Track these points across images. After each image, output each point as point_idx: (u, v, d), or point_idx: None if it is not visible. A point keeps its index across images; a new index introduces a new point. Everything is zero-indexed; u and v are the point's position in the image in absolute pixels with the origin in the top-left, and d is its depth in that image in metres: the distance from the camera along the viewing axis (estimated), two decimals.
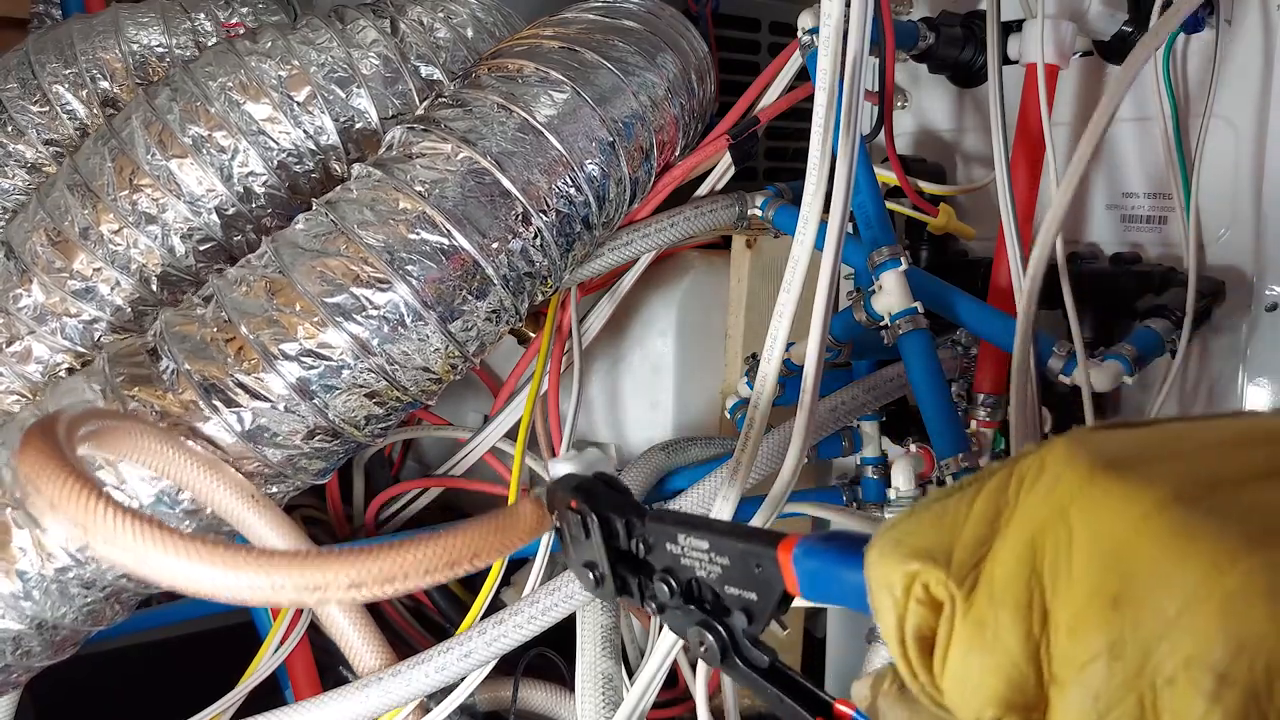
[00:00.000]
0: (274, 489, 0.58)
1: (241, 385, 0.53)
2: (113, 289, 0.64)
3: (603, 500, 0.35)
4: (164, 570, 0.29)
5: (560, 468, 0.38)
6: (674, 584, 0.33)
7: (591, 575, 0.35)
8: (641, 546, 0.34)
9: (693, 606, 0.33)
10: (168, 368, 0.55)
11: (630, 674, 0.73)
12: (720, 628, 0.33)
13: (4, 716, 0.64)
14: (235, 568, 0.29)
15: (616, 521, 0.35)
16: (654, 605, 0.34)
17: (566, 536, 0.36)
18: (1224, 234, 0.68)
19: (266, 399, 0.53)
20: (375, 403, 0.56)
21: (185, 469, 0.52)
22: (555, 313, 0.75)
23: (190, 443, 0.53)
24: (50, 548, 0.54)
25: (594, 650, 0.65)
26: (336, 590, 0.30)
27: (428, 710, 0.64)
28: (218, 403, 0.53)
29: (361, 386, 0.55)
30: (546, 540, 0.68)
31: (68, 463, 0.31)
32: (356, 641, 0.64)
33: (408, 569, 0.31)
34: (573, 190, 0.59)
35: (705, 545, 0.32)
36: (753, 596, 0.31)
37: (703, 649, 0.33)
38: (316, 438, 0.55)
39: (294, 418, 0.54)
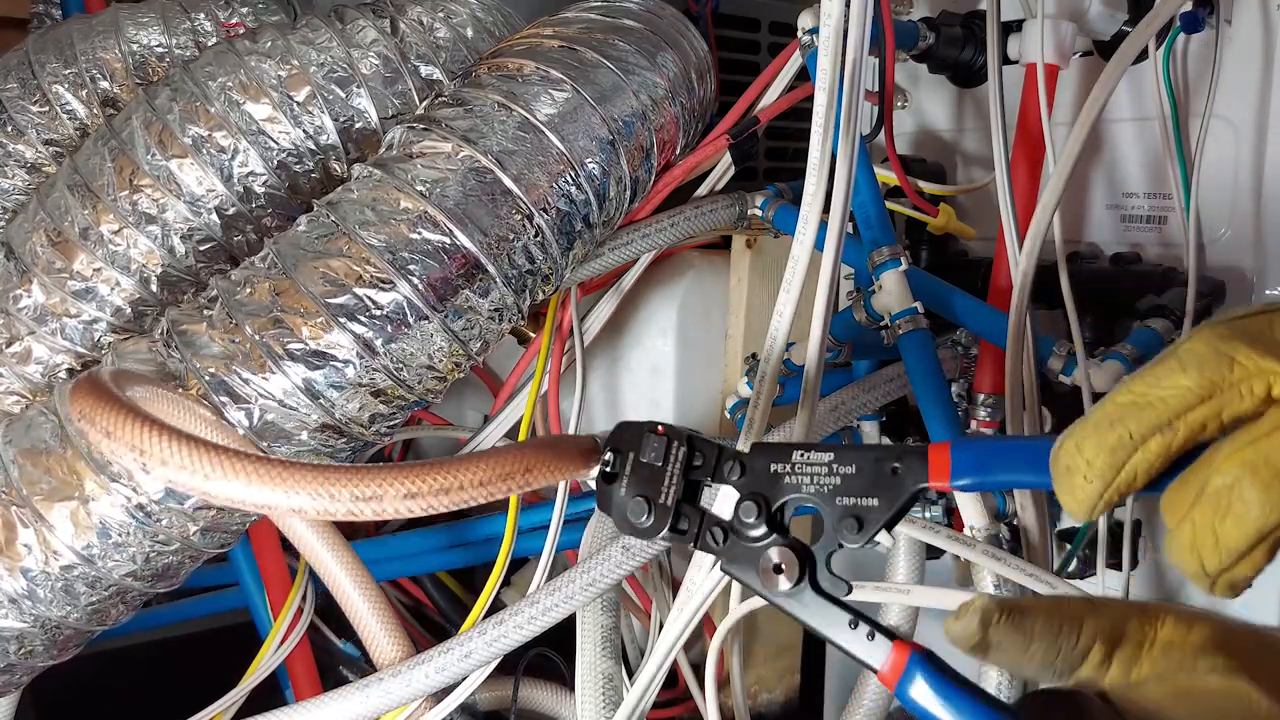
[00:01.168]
0: None
1: (248, 383, 0.53)
2: (113, 289, 0.64)
3: (688, 432, 0.36)
4: (222, 487, 0.29)
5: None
6: (762, 504, 0.34)
7: (648, 505, 0.35)
8: (737, 468, 0.35)
9: (774, 534, 0.34)
10: (175, 363, 0.55)
11: (630, 674, 0.73)
12: (802, 549, 0.33)
13: (5, 716, 0.64)
14: (292, 481, 0.29)
15: (704, 449, 0.35)
16: (718, 529, 0.35)
17: (624, 467, 0.36)
18: (1224, 234, 0.68)
19: (274, 398, 0.54)
20: (381, 401, 0.56)
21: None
22: (555, 312, 0.75)
23: (226, 424, 0.53)
24: (56, 546, 0.54)
25: (594, 650, 0.65)
26: (394, 500, 0.30)
27: (429, 709, 0.64)
28: (225, 399, 0.53)
29: (367, 386, 0.55)
30: (552, 538, 0.68)
31: (119, 397, 0.31)
32: (378, 630, 0.64)
33: (462, 480, 0.31)
34: (573, 189, 0.59)
35: (829, 458, 0.33)
36: (872, 502, 0.32)
37: (779, 573, 0.33)
38: (323, 435, 0.55)
39: (300, 416, 0.54)
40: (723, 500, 0.36)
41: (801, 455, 0.33)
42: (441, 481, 0.31)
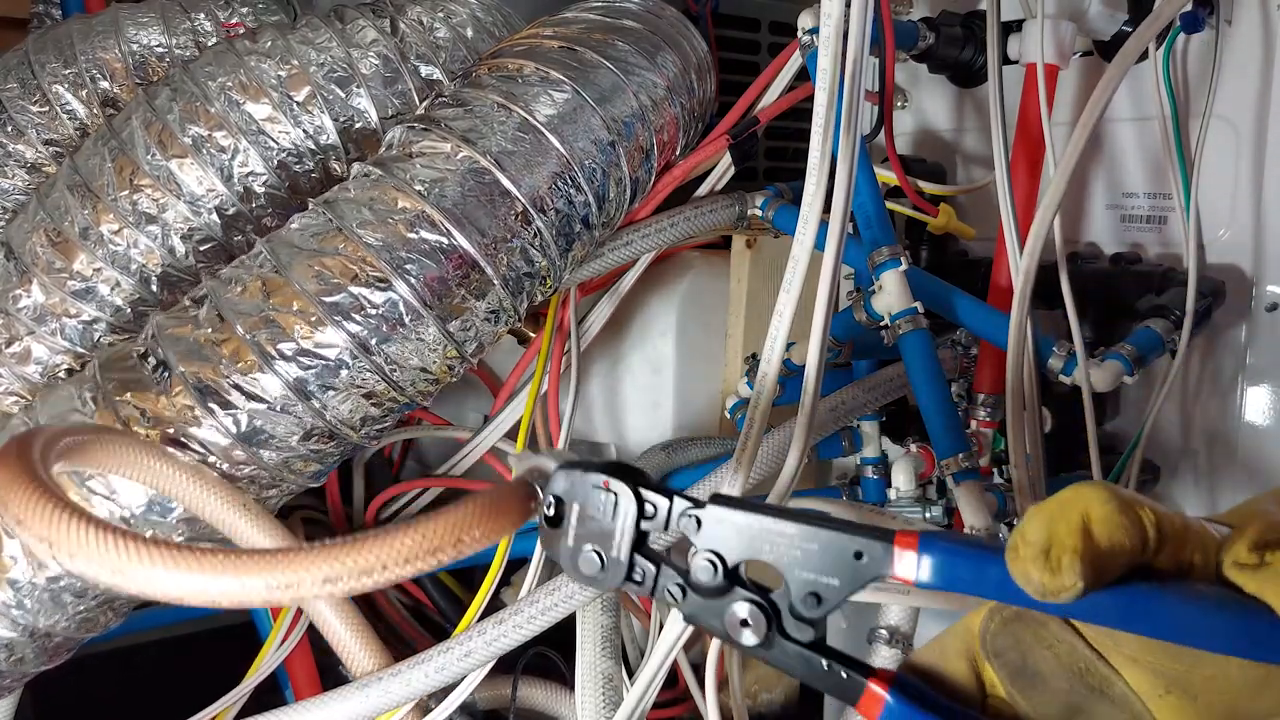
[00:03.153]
0: (269, 492, 0.58)
1: (237, 387, 0.53)
2: (113, 289, 0.64)
3: (637, 479, 0.34)
4: (130, 579, 0.28)
5: (539, 459, 0.36)
6: (718, 563, 0.33)
7: (600, 559, 0.34)
8: (694, 526, 0.33)
9: (735, 586, 0.33)
10: (161, 371, 0.54)
11: (630, 674, 0.73)
12: (766, 603, 0.33)
13: (4, 716, 0.64)
14: (202, 571, 0.28)
15: (654, 502, 0.34)
16: (676, 588, 0.34)
17: (570, 515, 0.35)
18: (1224, 234, 0.68)
19: (263, 400, 0.53)
20: (372, 404, 0.56)
21: (169, 478, 0.51)
22: (555, 312, 0.75)
23: (174, 451, 0.52)
24: (42, 556, 0.54)
25: (594, 650, 0.65)
26: (311, 586, 0.29)
27: (428, 710, 0.64)
28: (213, 405, 0.53)
29: (359, 387, 0.55)
30: None
31: (36, 477, 0.30)
32: (351, 644, 0.64)
33: (385, 559, 0.29)
34: (573, 190, 0.59)
35: (793, 530, 0.32)
36: (833, 582, 0.31)
37: (744, 627, 0.33)
38: (313, 439, 0.55)
39: (290, 419, 0.54)
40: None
41: (760, 519, 0.32)
42: (362, 562, 0.29)
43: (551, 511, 0.35)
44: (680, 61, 0.69)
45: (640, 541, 0.34)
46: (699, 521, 0.33)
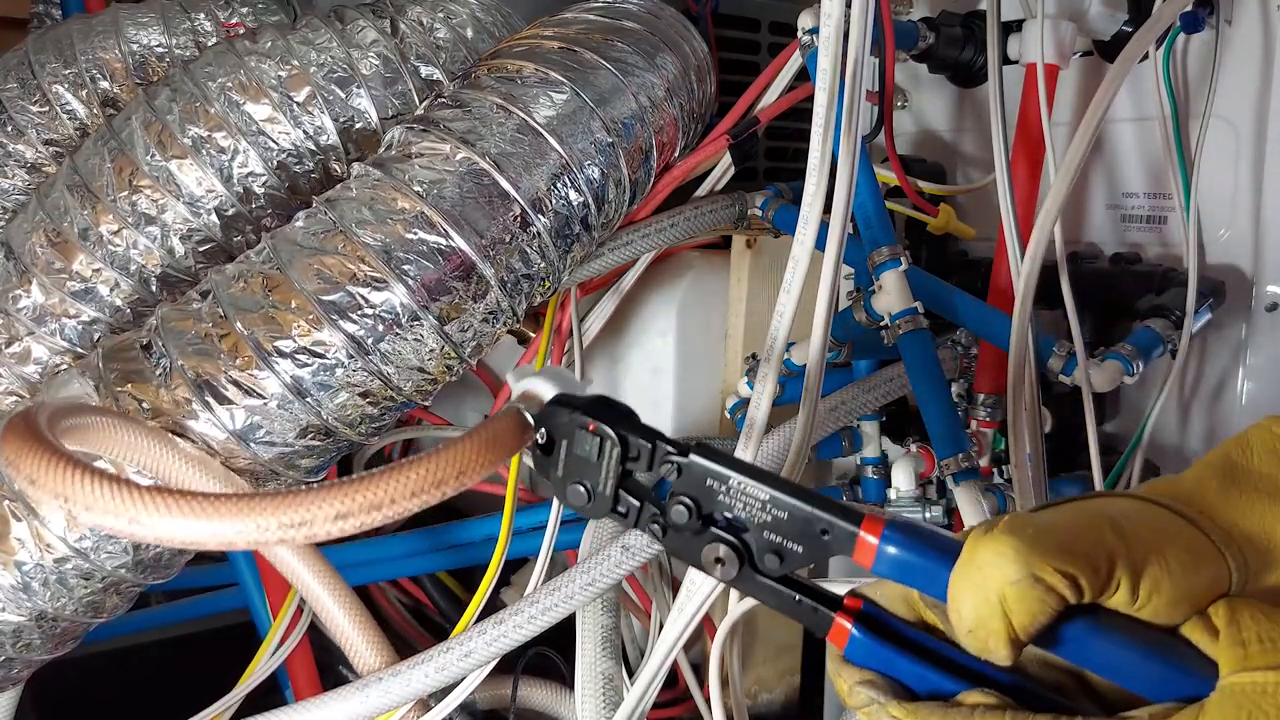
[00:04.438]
0: (265, 486, 0.58)
1: (235, 382, 0.53)
2: (112, 290, 0.64)
3: (622, 423, 0.36)
4: (148, 528, 0.29)
5: (534, 383, 0.37)
6: (693, 508, 0.34)
7: (583, 489, 0.36)
8: (674, 472, 0.35)
9: (709, 528, 0.35)
10: (160, 363, 0.55)
11: (630, 674, 0.73)
12: (737, 541, 0.34)
13: (5, 715, 0.64)
14: (217, 514, 0.29)
15: (639, 446, 0.35)
16: (656, 527, 0.35)
17: (560, 449, 0.36)
18: (1224, 234, 0.68)
19: (260, 396, 0.53)
20: (369, 402, 0.56)
21: (172, 466, 0.51)
22: (555, 313, 0.75)
23: (177, 439, 0.53)
24: (49, 539, 0.54)
25: (594, 650, 0.65)
26: (323, 523, 0.29)
27: (428, 709, 0.64)
28: (210, 399, 0.53)
29: (355, 386, 0.55)
30: (549, 540, 0.68)
31: (44, 439, 0.31)
32: (357, 640, 0.64)
33: (393, 493, 0.30)
34: (572, 192, 0.59)
35: (765, 496, 0.33)
36: (796, 549, 0.33)
37: (719, 564, 0.34)
38: (309, 436, 0.55)
39: (287, 416, 0.54)
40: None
41: (739, 482, 0.34)
42: (371, 497, 0.30)
43: (544, 440, 0.36)
44: (680, 62, 0.69)
45: (625, 477, 0.36)
46: (680, 469, 0.35)
